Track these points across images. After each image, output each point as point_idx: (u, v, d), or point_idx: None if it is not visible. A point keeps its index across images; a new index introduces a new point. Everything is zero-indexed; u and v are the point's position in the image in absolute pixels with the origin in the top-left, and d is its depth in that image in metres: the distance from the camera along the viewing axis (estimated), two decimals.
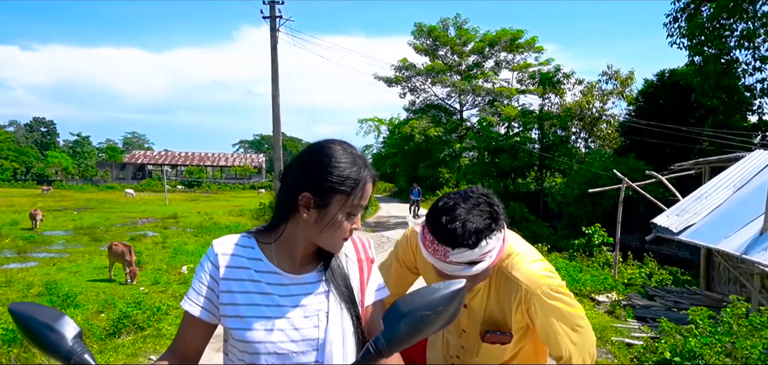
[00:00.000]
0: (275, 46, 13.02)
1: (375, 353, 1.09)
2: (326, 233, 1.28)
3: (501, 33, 33.77)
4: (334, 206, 1.26)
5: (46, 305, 1.19)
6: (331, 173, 1.25)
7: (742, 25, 18.54)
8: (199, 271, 1.33)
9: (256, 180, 65.66)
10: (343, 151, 1.28)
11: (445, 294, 1.10)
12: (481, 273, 1.56)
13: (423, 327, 1.09)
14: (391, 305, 1.12)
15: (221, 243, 1.34)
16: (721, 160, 9.83)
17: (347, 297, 1.36)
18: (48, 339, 1.12)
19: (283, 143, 70.91)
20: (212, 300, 1.31)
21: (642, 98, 24.03)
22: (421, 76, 35.67)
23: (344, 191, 1.25)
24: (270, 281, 1.32)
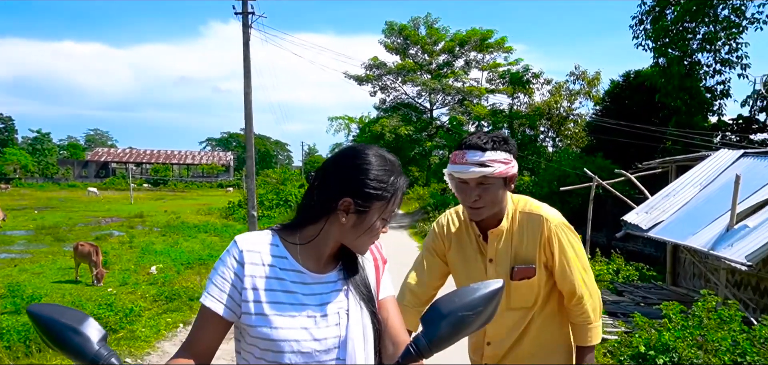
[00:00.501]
0: (247, 43, 12.85)
1: (416, 353, 1.11)
2: (362, 237, 1.32)
3: (471, 33, 34.06)
4: (374, 211, 1.30)
5: (67, 306, 1.16)
6: (373, 179, 1.28)
7: (703, 29, 19.10)
8: (221, 267, 1.31)
9: (223, 178, 64.81)
10: (383, 159, 1.32)
11: (485, 294, 1.12)
12: (489, 187, 1.91)
13: (463, 327, 1.11)
14: (430, 305, 1.13)
15: (245, 240, 1.34)
16: (686, 159, 10.12)
17: (366, 296, 1.39)
18: (73, 341, 1.08)
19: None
20: (234, 297, 1.30)
21: (608, 98, 24.54)
22: (391, 75, 35.71)
23: (384, 197, 1.29)
24: (294, 279, 1.33)
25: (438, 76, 34.66)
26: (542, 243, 2.00)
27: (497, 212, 2.03)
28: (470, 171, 1.89)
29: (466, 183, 1.95)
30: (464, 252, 2.16)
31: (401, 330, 1.41)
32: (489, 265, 2.08)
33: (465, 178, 1.93)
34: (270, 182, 30.43)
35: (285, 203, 24.28)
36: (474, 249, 2.12)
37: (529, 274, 2.02)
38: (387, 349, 1.38)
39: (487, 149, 1.89)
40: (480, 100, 33.46)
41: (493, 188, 1.93)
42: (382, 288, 1.46)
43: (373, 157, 1.31)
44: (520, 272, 2.01)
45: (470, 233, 2.14)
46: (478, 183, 1.92)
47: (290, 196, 25.30)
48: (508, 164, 1.93)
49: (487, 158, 1.88)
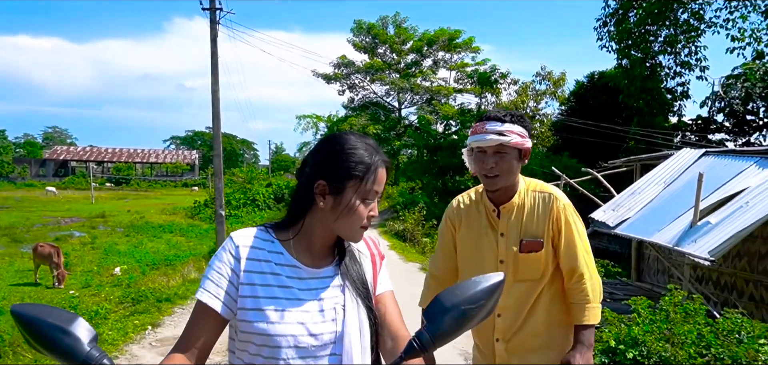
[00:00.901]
0: (215, 39, 12.63)
1: (419, 348, 1.10)
2: (343, 220, 1.31)
3: (439, 32, 34.29)
4: (349, 191, 1.29)
5: (53, 306, 1.11)
6: (344, 158, 1.29)
7: (665, 32, 19.62)
8: (217, 263, 1.30)
9: (188, 177, 63.67)
10: (356, 138, 1.33)
11: (486, 287, 1.12)
12: (505, 156, 2.06)
13: (466, 321, 1.10)
14: (433, 300, 1.12)
15: (241, 236, 1.34)
16: (650, 157, 10.36)
17: (362, 292, 1.38)
18: (61, 342, 1.03)
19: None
20: (231, 293, 1.29)
21: (573, 99, 25.01)
22: (360, 74, 35.70)
23: (357, 175, 1.28)
24: (290, 274, 1.32)
25: (406, 76, 34.77)
26: (551, 220, 2.13)
27: (510, 186, 2.16)
28: (488, 139, 2.05)
29: (484, 152, 2.10)
30: (475, 227, 2.26)
31: (400, 325, 1.40)
32: (500, 239, 2.19)
33: (483, 146, 2.08)
34: (237, 182, 30.05)
35: (252, 203, 24.00)
36: (485, 224, 2.23)
37: (536, 247, 2.13)
38: (386, 344, 1.37)
39: (505, 121, 2.07)
40: (448, 99, 33.73)
41: (508, 157, 2.08)
42: (380, 284, 1.45)
43: (346, 137, 1.33)
44: (529, 245, 2.13)
45: (481, 210, 2.26)
46: (495, 152, 2.07)
47: (257, 195, 25.03)
48: (524, 137, 2.09)
49: (505, 129, 2.05)
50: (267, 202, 24.31)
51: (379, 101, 37.16)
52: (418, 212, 18.01)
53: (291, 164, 73.71)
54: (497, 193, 2.18)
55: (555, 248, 2.16)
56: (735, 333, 4.98)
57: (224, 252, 1.31)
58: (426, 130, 26.89)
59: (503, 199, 2.18)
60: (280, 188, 26.16)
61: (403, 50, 35.73)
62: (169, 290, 8.53)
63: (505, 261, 2.18)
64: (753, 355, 4.73)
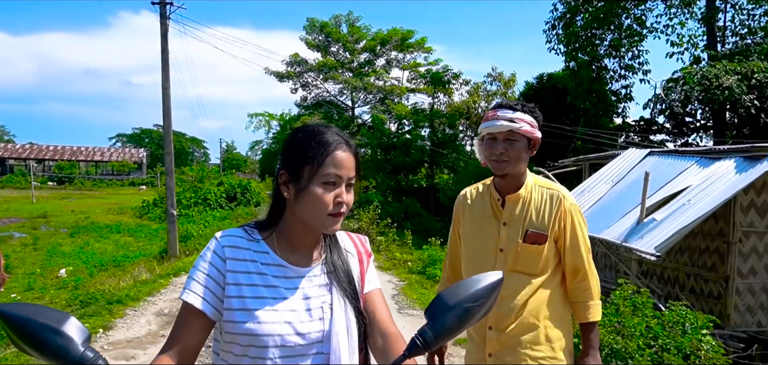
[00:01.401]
0: (166, 35, 12.31)
1: (422, 345, 1.12)
2: (306, 208, 1.30)
3: (392, 32, 34.41)
4: (306, 176, 1.28)
5: (42, 305, 1.07)
6: (300, 145, 1.30)
7: (610, 36, 20.35)
8: (202, 263, 1.30)
9: (135, 176, 61.62)
10: (315, 125, 1.35)
11: (487, 285, 1.16)
12: (515, 143, 2.13)
13: (468, 318, 1.14)
14: (435, 298, 1.15)
15: (226, 236, 1.33)
16: (598, 157, 10.74)
17: (349, 290, 1.39)
18: (54, 343, 1.01)
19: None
20: (217, 293, 1.28)
21: (523, 99, 25.54)
22: (313, 72, 35.44)
23: (312, 158, 1.27)
24: (276, 274, 1.32)
25: (359, 75, 34.75)
26: (558, 217, 2.19)
27: (518, 176, 2.22)
28: (499, 124, 2.13)
29: (495, 139, 2.17)
30: (479, 216, 2.31)
31: (390, 322, 1.41)
32: (502, 228, 2.23)
33: (494, 132, 2.15)
34: (187, 180, 29.32)
35: (204, 202, 23.46)
36: (489, 213, 2.28)
37: (540, 240, 2.18)
38: (376, 342, 1.37)
39: (517, 110, 2.15)
40: (401, 99, 33.89)
41: (517, 144, 2.15)
42: (367, 282, 1.46)
43: (307, 125, 1.36)
44: (533, 236, 2.18)
45: (486, 200, 2.31)
46: (505, 138, 2.14)
47: (209, 194, 24.48)
48: (534, 127, 2.16)
49: (516, 116, 2.13)
50: (219, 201, 23.81)
51: (333, 100, 37.02)
52: (373, 210, 18.07)
53: (242, 163, 72.43)
54: (504, 181, 2.22)
55: (558, 246, 2.22)
56: (680, 325, 5.24)
57: (209, 253, 1.30)
58: (379, 129, 26.95)
59: (509, 189, 2.23)
60: (232, 186, 25.67)
61: (356, 49, 35.69)
62: (120, 291, 8.27)
63: (505, 250, 2.22)
64: (696, 345, 5.00)
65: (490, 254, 2.24)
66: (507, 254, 2.21)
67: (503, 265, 2.20)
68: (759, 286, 7.42)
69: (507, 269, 2.18)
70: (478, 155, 2.33)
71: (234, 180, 28.04)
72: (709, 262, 7.78)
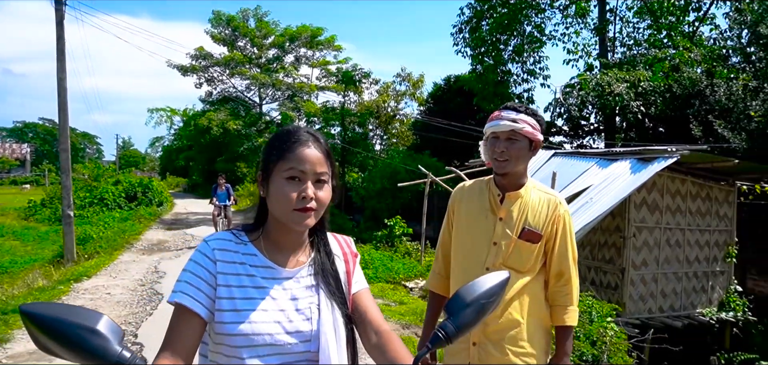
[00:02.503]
0: (62, 22, 11.43)
1: (445, 338, 1.21)
2: (275, 204, 1.35)
3: (301, 29, 34.08)
4: (276, 172, 1.33)
5: (68, 304, 1.01)
6: (270, 144, 1.38)
7: (514, 41, 21.36)
8: (193, 267, 1.31)
9: (18, 174, 56.74)
10: (285, 127, 1.41)
11: (500, 282, 1.29)
12: (517, 143, 2.22)
13: (483, 313, 1.25)
14: (453, 296, 1.26)
15: (215, 239, 1.36)
16: None
17: (336, 291, 1.42)
18: (90, 343, 0.97)
19: (53, 131, 61.83)
20: (209, 295, 1.30)
21: (431, 100, 26.27)
22: (219, 67, 34.36)
23: (278, 155, 1.33)
24: (264, 275, 1.36)
25: (268, 71, 34.13)
26: (552, 220, 2.28)
27: (518, 175, 2.30)
28: (502, 124, 2.22)
29: (497, 138, 2.25)
30: (476, 209, 2.36)
31: (381, 319, 1.44)
32: (498, 223, 2.30)
33: (498, 131, 2.23)
34: (80, 179, 27.38)
35: (100, 202, 22.03)
36: (487, 207, 2.34)
37: (535, 238, 2.27)
38: (370, 339, 1.40)
39: (520, 112, 2.24)
40: (310, 96, 33.64)
41: (519, 144, 2.23)
42: (355, 283, 1.49)
43: (279, 130, 1.41)
44: (529, 234, 2.27)
45: (485, 195, 2.36)
46: (507, 138, 2.22)
47: (106, 194, 23.01)
48: (536, 129, 2.25)
49: (519, 118, 2.22)
50: (117, 201, 22.44)
51: (239, 96, 36.10)
52: None
53: (141, 160, 68.68)
54: (505, 180, 2.29)
55: (546, 248, 2.30)
56: (587, 314, 5.64)
57: (200, 255, 1.32)
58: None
59: (509, 188, 2.31)
60: (131, 185, 24.30)
61: (264, 45, 35.01)
62: (14, 301, 7.61)
63: (498, 244, 2.27)
64: (602, 332, 5.40)
65: (484, 246, 2.30)
66: (499, 248, 2.28)
67: (495, 258, 2.27)
68: (650, 276, 8.13)
69: (498, 262, 2.26)
70: (483, 155, 2.41)
71: (133, 179, 26.59)
72: (607, 255, 8.41)
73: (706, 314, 8.53)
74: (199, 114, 34.33)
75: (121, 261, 11.25)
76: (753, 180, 9.68)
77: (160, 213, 22.69)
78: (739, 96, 12.48)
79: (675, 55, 15.77)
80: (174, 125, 49.96)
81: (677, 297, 8.43)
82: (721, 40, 17.17)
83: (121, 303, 7.69)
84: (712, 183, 8.79)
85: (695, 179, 8.54)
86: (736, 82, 13.02)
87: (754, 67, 14.49)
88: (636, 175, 7.53)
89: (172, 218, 21.88)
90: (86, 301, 7.77)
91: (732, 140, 11.42)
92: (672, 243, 8.36)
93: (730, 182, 9.05)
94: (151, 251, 12.97)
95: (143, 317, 6.99)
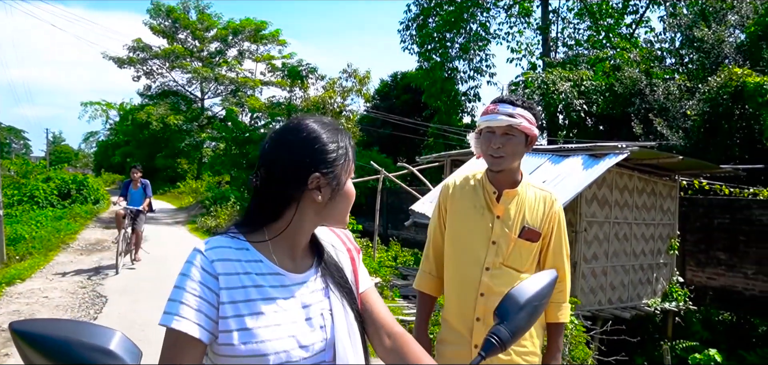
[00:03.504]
0: None
1: (499, 345, 1.11)
2: (340, 207, 1.25)
3: (245, 22, 33.39)
4: (342, 174, 1.24)
5: (78, 321, 0.85)
6: (328, 144, 1.22)
7: (460, 39, 21.62)
8: (190, 283, 1.11)
9: None
10: (322, 122, 1.26)
11: (550, 282, 1.21)
12: (513, 138, 2.13)
13: (535, 315, 1.16)
14: (504, 298, 1.17)
15: (214, 248, 1.16)
16: (460, 154, 11.33)
17: (346, 292, 1.30)
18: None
19: None
20: (211, 315, 1.11)
21: (378, 96, 26.27)
22: (158, 60, 33.18)
23: (343, 155, 1.24)
24: (273, 284, 1.19)
25: (210, 65, 33.23)
26: (548, 217, 2.24)
27: (513, 171, 2.22)
28: (499, 118, 2.13)
29: (493, 133, 2.16)
30: (470, 207, 2.26)
31: (393, 320, 1.34)
32: (496, 221, 2.23)
33: (494, 125, 2.15)
34: (7, 176, 25.80)
35: (30, 200, 20.82)
36: (482, 204, 2.24)
37: (534, 237, 2.22)
38: (384, 342, 1.30)
39: (517, 105, 2.15)
40: (254, 91, 33.00)
41: (515, 139, 2.14)
42: (362, 281, 1.37)
43: (314, 124, 1.24)
44: (529, 232, 2.21)
45: (479, 192, 2.27)
46: (504, 133, 2.14)
47: (36, 191, 21.76)
48: (532, 124, 2.17)
49: (516, 112, 2.13)
50: (49, 199, 21.25)
51: (180, 90, 35.01)
52: (230, 207, 17.42)
53: (73, 156, 65.47)
54: (500, 176, 2.21)
55: (542, 246, 2.26)
56: None
57: (196, 269, 1.13)
58: (235, 122, 25.99)
59: (504, 184, 2.23)
60: (64, 182, 23.09)
61: (206, 38, 34.09)
62: None
63: (497, 243, 2.20)
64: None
65: (482, 246, 2.22)
66: (499, 247, 2.21)
67: (494, 257, 2.20)
68: (600, 270, 8.36)
69: (499, 262, 2.20)
70: (474, 148, 2.32)
71: (66, 175, 25.26)
72: None
73: (651, 304, 8.86)
74: (137, 108, 33.06)
75: (57, 262, 10.62)
76: (693, 176, 10.16)
77: (96, 211, 21.69)
78: (676, 96, 13.06)
79: (615, 56, 16.37)
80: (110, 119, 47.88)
81: (625, 288, 8.71)
82: (657, 42, 17.97)
83: (61, 307, 7.23)
84: (657, 179, 9.14)
85: (641, 175, 8.84)
86: (674, 82, 13.62)
87: (687, 69, 15.25)
88: (588, 171, 7.71)
89: (110, 217, 20.92)
90: (21, 306, 7.27)
91: (670, 137, 11.94)
92: (620, 237, 8.62)
93: (672, 177, 9.44)
94: (90, 251, 12.33)
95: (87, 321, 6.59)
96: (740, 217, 9.28)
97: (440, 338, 2.38)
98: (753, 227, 9.11)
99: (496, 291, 2.17)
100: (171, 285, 1.14)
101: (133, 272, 9.57)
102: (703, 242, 9.81)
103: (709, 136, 11.74)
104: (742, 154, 11.55)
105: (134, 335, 5.81)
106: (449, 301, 2.34)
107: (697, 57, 14.22)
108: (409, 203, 10.74)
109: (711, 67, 13.14)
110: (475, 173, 2.36)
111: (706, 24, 14.05)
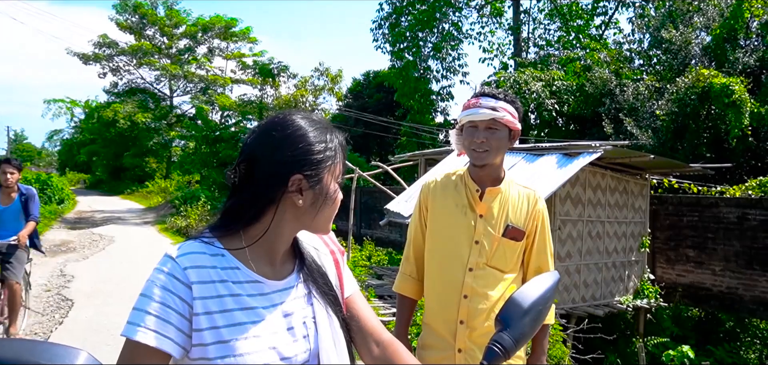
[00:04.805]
0: None
1: (502, 353, 1.05)
2: (324, 212, 1.16)
3: (214, 19, 32.92)
4: (327, 177, 1.14)
5: (36, 339, 0.75)
6: (314, 144, 1.12)
7: (433, 38, 21.66)
8: (159, 291, 1.02)
9: None
10: (311, 119, 1.16)
11: (552, 285, 1.15)
12: (496, 132, 2.08)
13: (539, 321, 1.10)
14: (508, 302, 1.10)
15: (187, 254, 1.06)
16: (434, 153, 11.32)
17: (331, 298, 1.22)
18: None
19: None
20: (182, 328, 1.02)
21: (350, 95, 26.17)
22: (125, 56, 32.48)
23: (331, 157, 1.14)
24: (251, 292, 1.10)
25: (179, 62, 32.67)
26: (532, 215, 2.19)
27: (496, 168, 2.16)
28: (481, 112, 2.07)
29: (476, 127, 2.10)
30: (452, 206, 2.19)
31: (381, 327, 1.27)
32: (479, 220, 2.17)
33: (476, 119, 2.09)
34: None
35: None
36: (464, 203, 2.18)
37: (518, 236, 2.17)
38: (372, 351, 1.23)
39: (499, 99, 2.11)
40: (225, 89, 32.55)
41: (499, 133, 2.09)
42: (347, 285, 1.29)
43: (302, 120, 1.14)
44: (513, 231, 2.16)
45: (461, 190, 2.21)
46: (487, 127, 2.09)
47: None
48: (515, 117, 2.12)
49: (499, 105, 2.08)
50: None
51: (148, 88, 34.34)
52: (201, 206, 17.11)
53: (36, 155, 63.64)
54: (483, 172, 2.14)
55: (526, 245, 2.20)
56: None
57: (166, 277, 1.03)
58: (205, 121, 25.59)
59: (487, 181, 2.17)
60: (27, 181, 22.39)
61: (175, 34, 33.51)
62: None
63: (480, 243, 2.14)
64: None
65: (464, 245, 2.15)
66: (482, 246, 2.14)
67: (478, 257, 2.13)
68: (573, 268, 8.43)
69: (482, 262, 2.13)
70: (454, 144, 2.30)
71: (29, 175, 24.51)
72: None
73: (623, 302, 8.98)
74: (104, 106, 32.29)
75: None
76: (663, 174, 10.35)
77: (61, 211, 21.09)
78: (645, 96, 13.29)
79: (586, 56, 16.59)
80: (75, 117, 46.62)
81: (598, 286, 8.81)
82: (626, 43, 18.28)
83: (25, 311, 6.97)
84: (628, 177, 9.27)
85: (613, 174, 8.95)
86: (643, 83, 13.87)
87: (655, 69, 15.54)
88: (562, 169, 7.76)
89: (75, 217, 20.41)
90: None
91: (640, 136, 12.14)
92: (593, 235, 8.72)
93: (643, 176, 9.59)
94: (55, 252, 11.98)
95: (52, 326, 6.36)
96: (708, 215, 9.47)
97: (421, 343, 2.28)
98: (720, 224, 9.30)
99: (479, 293, 2.12)
100: (142, 286, 1.04)
101: (100, 272, 9.30)
102: (673, 239, 9.99)
103: (677, 135, 11.98)
104: (709, 153, 11.81)
105: (103, 341, 5.63)
106: (431, 304, 2.25)
107: (666, 58, 14.50)
108: (383, 203, 10.70)
109: (678, 69, 13.41)
110: (457, 171, 2.29)
111: (673, 26, 14.33)
